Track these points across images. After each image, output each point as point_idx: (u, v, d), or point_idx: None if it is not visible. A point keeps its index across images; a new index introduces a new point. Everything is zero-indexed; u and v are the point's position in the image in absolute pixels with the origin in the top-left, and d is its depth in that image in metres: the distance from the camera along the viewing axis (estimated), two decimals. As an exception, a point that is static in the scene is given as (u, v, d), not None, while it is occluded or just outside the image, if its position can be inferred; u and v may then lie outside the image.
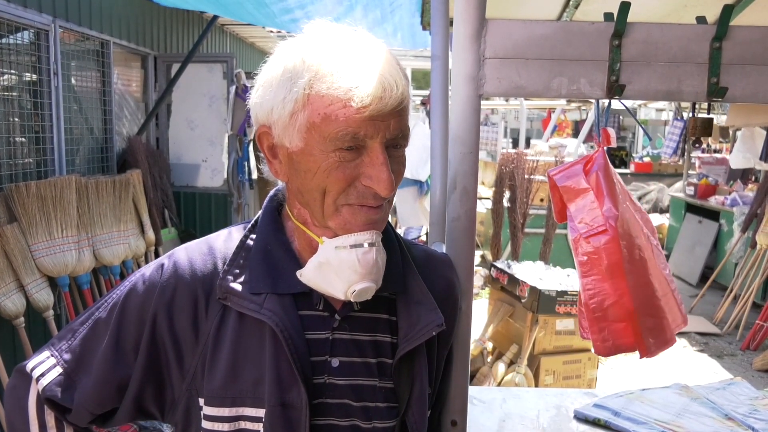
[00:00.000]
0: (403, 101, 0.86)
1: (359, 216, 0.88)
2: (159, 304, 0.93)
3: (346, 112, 0.82)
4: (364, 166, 0.86)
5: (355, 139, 0.84)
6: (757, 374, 4.86)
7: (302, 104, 0.85)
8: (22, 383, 1.00)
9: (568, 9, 1.97)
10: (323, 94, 0.83)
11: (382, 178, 0.85)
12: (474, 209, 1.18)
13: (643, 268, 1.44)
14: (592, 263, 1.44)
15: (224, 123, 5.46)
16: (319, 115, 0.84)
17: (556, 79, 1.15)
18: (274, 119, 0.89)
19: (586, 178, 1.45)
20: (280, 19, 4.36)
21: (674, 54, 1.14)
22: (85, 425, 1.00)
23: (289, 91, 0.86)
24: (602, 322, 1.45)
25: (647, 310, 1.44)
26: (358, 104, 0.82)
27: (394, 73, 0.85)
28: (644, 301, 1.43)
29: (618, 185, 1.48)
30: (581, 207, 1.45)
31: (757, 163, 6.56)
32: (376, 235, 0.91)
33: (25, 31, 3.72)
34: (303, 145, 0.87)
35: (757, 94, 1.14)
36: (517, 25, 1.14)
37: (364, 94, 0.82)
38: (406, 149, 0.93)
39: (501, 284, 3.96)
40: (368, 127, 0.83)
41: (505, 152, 5.54)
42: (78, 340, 0.98)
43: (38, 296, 3.40)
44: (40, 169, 3.85)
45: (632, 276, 1.41)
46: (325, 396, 0.94)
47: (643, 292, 1.43)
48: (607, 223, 1.40)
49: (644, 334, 1.43)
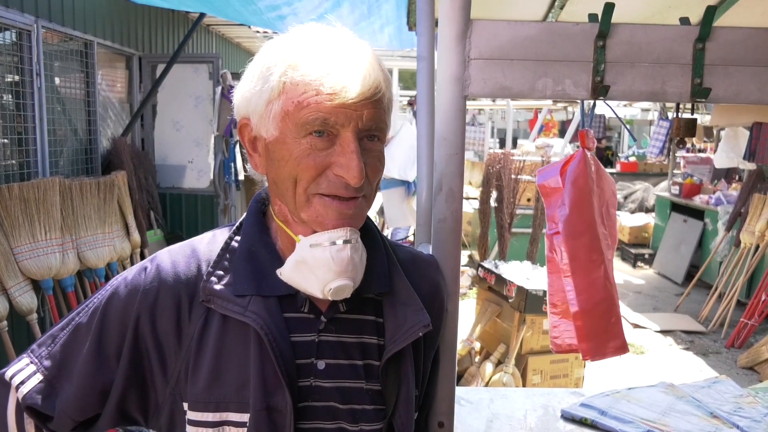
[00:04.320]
0: (377, 92, 0.86)
1: (330, 209, 0.88)
2: (142, 307, 0.92)
3: (317, 99, 0.84)
4: (335, 155, 0.86)
5: (325, 124, 0.84)
6: (742, 372, 4.91)
7: (277, 93, 0.86)
8: (2, 391, 0.98)
9: (554, 10, 1.97)
10: (297, 82, 0.85)
11: (351, 166, 0.85)
12: (460, 210, 1.18)
13: (596, 271, 1.45)
14: (552, 261, 1.49)
15: (210, 124, 5.43)
16: (293, 102, 0.85)
17: (541, 80, 1.15)
18: (251, 109, 0.90)
19: (561, 177, 1.46)
20: (266, 16, 4.34)
21: (658, 55, 1.15)
22: None
23: (267, 81, 0.87)
24: (558, 319, 1.51)
25: (597, 313, 1.45)
26: (329, 90, 0.83)
27: (369, 64, 0.87)
28: (595, 305, 1.45)
29: (596, 189, 1.49)
30: (553, 205, 1.47)
31: (741, 162, 6.62)
32: (351, 231, 0.90)
33: (6, 32, 3.68)
34: (278, 134, 0.88)
35: (740, 95, 1.15)
36: (502, 26, 1.14)
37: (334, 80, 0.83)
38: (394, 150, 0.93)
39: (488, 284, 3.97)
40: (339, 115, 0.84)
41: (492, 152, 5.56)
42: (58, 346, 0.96)
43: (21, 299, 3.36)
44: (23, 170, 3.81)
45: (582, 278, 1.43)
46: (310, 399, 0.93)
47: (594, 296, 1.44)
48: (559, 223, 1.43)
49: (590, 337, 1.45)
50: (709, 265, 6.76)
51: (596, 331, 1.45)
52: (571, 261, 1.42)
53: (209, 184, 5.60)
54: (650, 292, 7.16)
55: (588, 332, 1.44)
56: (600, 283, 1.44)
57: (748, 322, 5.42)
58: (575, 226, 1.42)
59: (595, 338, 1.45)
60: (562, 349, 1.52)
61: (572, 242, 1.42)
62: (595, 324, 1.44)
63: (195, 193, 5.62)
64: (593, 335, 1.45)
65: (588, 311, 1.43)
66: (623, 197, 11.18)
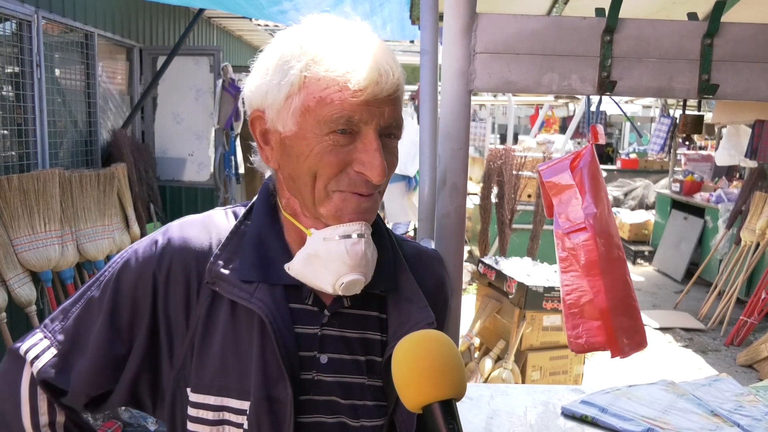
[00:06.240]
0: (398, 89, 0.86)
1: (350, 203, 0.87)
2: (156, 279, 0.91)
3: (341, 96, 0.82)
4: (357, 152, 0.85)
5: (350, 122, 0.83)
6: (741, 369, 4.91)
7: (298, 87, 0.85)
8: (15, 366, 0.97)
9: (558, 4, 1.96)
10: (320, 77, 0.83)
11: (375, 164, 0.84)
12: (464, 206, 1.17)
13: (621, 267, 1.45)
14: (571, 259, 1.45)
15: (211, 117, 5.41)
16: (315, 98, 0.83)
17: (547, 75, 1.14)
18: (268, 103, 0.88)
19: (571, 174, 1.44)
20: (268, 11, 4.32)
21: (666, 50, 1.14)
22: (80, 408, 0.98)
23: (286, 74, 0.85)
24: (577, 318, 1.46)
25: (622, 309, 1.44)
26: (355, 87, 0.82)
27: (390, 60, 0.86)
28: (620, 301, 1.44)
29: (602, 184, 1.48)
30: (565, 203, 1.45)
31: (742, 160, 6.61)
32: (366, 226, 0.90)
33: (7, 22, 3.66)
34: (297, 129, 0.86)
35: (748, 91, 1.14)
36: (508, 20, 1.13)
37: (360, 77, 0.82)
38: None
39: (488, 280, 3.97)
40: (363, 112, 0.83)
41: (493, 148, 5.55)
42: (71, 321, 0.95)
43: (20, 291, 3.35)
44: (22, 162, 3.80)
45: (609, 275, 1.42)
46: (312, 393, 0.92)
47: (619, 292, 1.43)
48: (586, 221, 1.40)
49: (618, 334, 1.44)
50: (709, 262, 6.76)
51: (624, 327, 1.44)
52: (600, 259, 1.40)
53: (209, 177, 5.58)
54: (650, 290, 7.16)
55: (617, 330, 1.43)
56: (624, 279, 1.44)
57: (747, 320, 5.42)
58: (602, 223, 1.40)
59: (623, 335, 1.44)
60: (584, 349, 1.48)
61: (601, 240, 1.40)
62: (622, 321, 1.44)
63: (195, 186, 5.60)
64: (621, 332, 1.44)
65: (615, 309, 1.42)
66: (624, 194, 11.18)
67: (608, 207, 1.50)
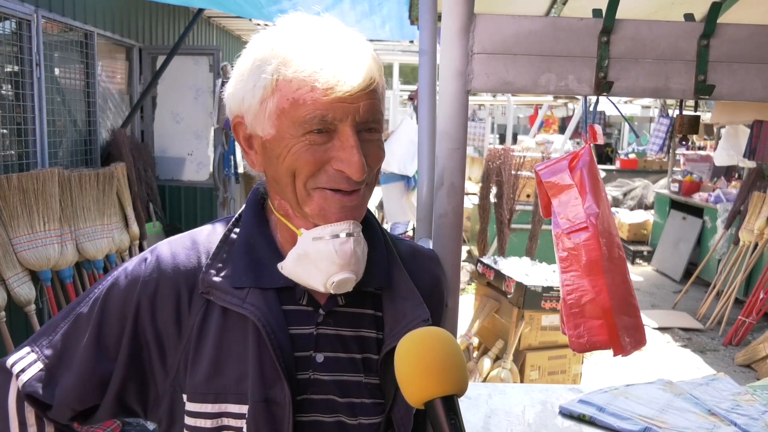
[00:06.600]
0: (371, 83, 0.85)
1: (332, 202, 0.88)
2: (142, 298, 0.92)
3: (313, 95, 0.82)
4: (335, 150, 0.85)
5: (324, 121, 0.83)
6: (739, 369, 4.92)
7: (271, 90, 0.85)
8: (2, 379, 0.98)
9: (556, 5, 1.96)
10: (290, 79, 0.83)
11: (352, 161, 0.84)
12: (461, 206, 1.17)
13: (621, 266, 1.45)
14: (571, 259, 1.45)
15: (210, 116, 5.42)
16: (288, 100, 0.84)
17: (544, 75, 1.15)
18: (245, 108, 0.89)
19: (570, 174, 1.45)
20: (267, 10, 4.32)
21: (662, 51, 1.14)
22: (65, 422, 0.98)
23: (258, 78, 0.86)
24: (579, 318, 1.46)
25: (624, 308, 1.45)
26: (323, 86, 0.82)
27: (361, 55, 0.85)
28: (621, 300, 1.44)
29: (601, 184, 1.49)
30: (564, 203, 1.45)
31: (741, 160, 6.62)
32: (354, 225, 0.90)
33: (6, 21, 3.66)
34: (275, 132, 0.86)
35: (744, 92, 1.14)
36: (505, 21, 1.14)
37: (328, 75, 0.82)
38: (394, 145, 0.92)
39: (487, 280, 3.97)
40: (336, 110, 0.83)
41: (492, 148, 5.56)
42: (59, 336, 0.96)
43: (20, 290, 3.35)
44: (21, 161, 3.80)
45: (610, 274, 1.42)
46: (309, 392, 0.93)
47: (621, 291, 1.44)
48: (588, 220, 1.41)
49: (620, 333, 1.44)
50: (707, 262, 6.76)
51: (625, 326, 1.45)
52: (602, 259, 1.40)
53: (208, 177, 5.58)
54: (648, 290, 7.16)
55: (620, 329, 1.43)
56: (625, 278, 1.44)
57: (745, 320, 5.43)
58: (603, 222, 1.41)
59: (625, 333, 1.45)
60: (585, 348, 1.48)
61: (603, 239, 1.40)
62: (624, 320, 1.44)
63: (194, 186, 5.60)
64: (623, 331, 1.44)
65: (617, 307, 1.42)
66: (622, 194, 11.19)
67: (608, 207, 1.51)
